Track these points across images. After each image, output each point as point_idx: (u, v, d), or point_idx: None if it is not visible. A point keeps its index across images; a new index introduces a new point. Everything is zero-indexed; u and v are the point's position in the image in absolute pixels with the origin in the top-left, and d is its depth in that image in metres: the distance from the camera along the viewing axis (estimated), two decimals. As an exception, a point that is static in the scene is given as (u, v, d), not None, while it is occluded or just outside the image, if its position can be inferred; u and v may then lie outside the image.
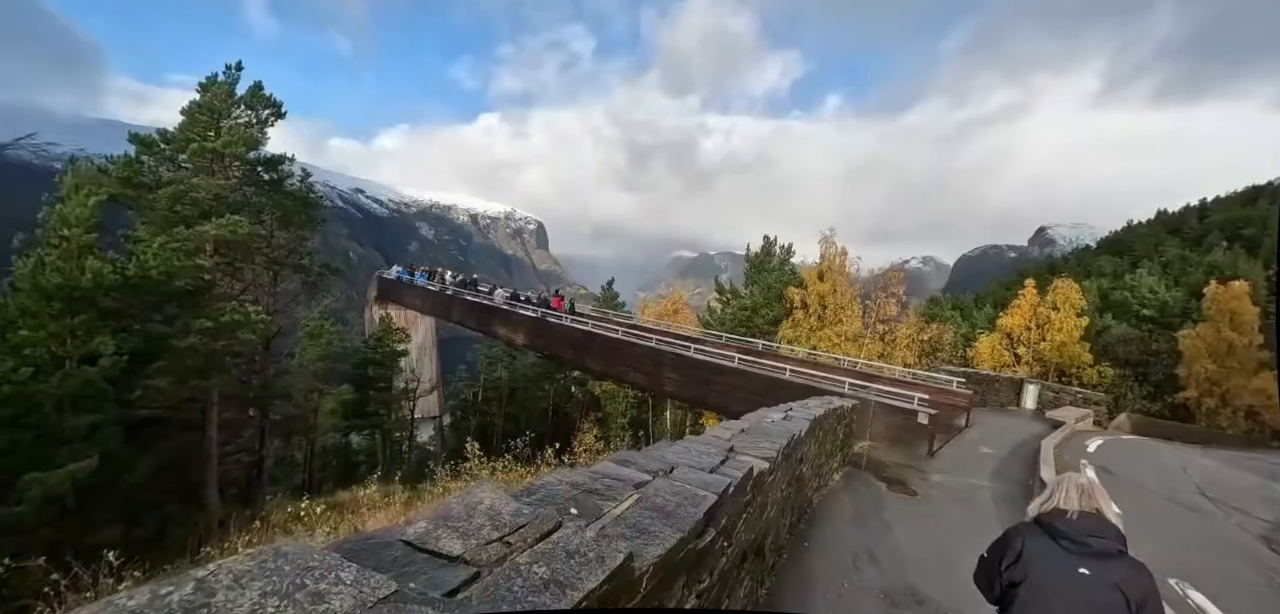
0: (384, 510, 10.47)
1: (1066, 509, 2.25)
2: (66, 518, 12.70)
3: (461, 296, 30.70)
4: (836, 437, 9.76)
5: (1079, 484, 2.34)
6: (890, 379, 17.92)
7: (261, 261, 17.94)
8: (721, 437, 4.43)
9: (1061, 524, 2.22)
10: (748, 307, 33.00)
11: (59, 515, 12.66)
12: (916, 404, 13.03)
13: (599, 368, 22.60)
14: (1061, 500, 2.30)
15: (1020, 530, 2.35)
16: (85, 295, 11.72)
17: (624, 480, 2.57)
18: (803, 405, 8.40)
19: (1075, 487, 2.32)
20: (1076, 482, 2.35)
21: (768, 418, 6.27)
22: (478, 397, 42.60)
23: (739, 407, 16.17)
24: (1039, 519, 2.33)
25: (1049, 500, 2.35)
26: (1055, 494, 2.35)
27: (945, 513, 9.09)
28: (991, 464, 12.81)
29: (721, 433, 4.60)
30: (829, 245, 31.73)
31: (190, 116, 15.77)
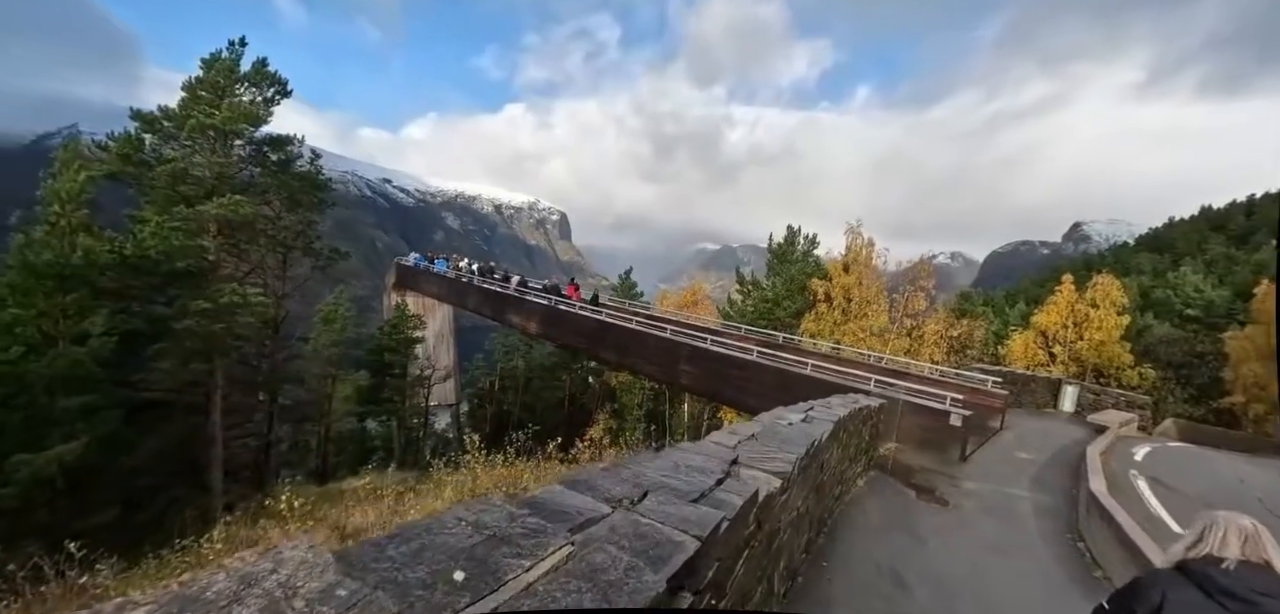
0: (373, 505, 9.94)
1: (1223, 557, 1.83)
2: (59, 500, 12.45)
3: (475, 284, 30.22)
4: (861, 438, 8.91)
5: (1241, 527, 1.88)
6: (918, 377, 16.90)
7: (266, 243, 17.59)
8: (725, 445, 3.66)
9: (1218, 575, 1.79)
10: (769, 299, 31.98)
11: (51, 497, 12.42)
12: (949, 404, 12.07)
13: (613, 359, 21.91)
14: (1216, 545, 1.87)
15: (1158, 579, 1.91)
16: (76, 273, 11.40)
17: (563, 516, 1.83)
18: (825, 404, 7.59)
19: (1236, 530, 1.87)
20: (1237, 523, 1.90)
21: (784, 419, 5.48)
22: (494, 386, 42.39)
23: (756, 402, 15.34)
24: (1185, 566, 1.89)
25: (1199, 544, 1.91)
26: (1207, 536, 1.91)
27: (980, 526, 8.20)
28: (1030, 471, 11.81)
29: (725, 440, 3.84)
30: (855, 236, 30.56)
31: (191, 93, 15.40)
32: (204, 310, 13.33)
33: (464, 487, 10.59)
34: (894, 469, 10.42)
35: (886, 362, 19.08)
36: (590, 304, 23.46)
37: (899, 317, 28.66)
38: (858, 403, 8.70)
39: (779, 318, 30.73)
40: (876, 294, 29.31)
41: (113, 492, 13.93)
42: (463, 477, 11.52)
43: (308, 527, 8.62)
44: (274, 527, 8.79)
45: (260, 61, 16.30)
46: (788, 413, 5.93)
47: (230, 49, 16.02)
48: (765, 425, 4.90)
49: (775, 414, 5.79)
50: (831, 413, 6.67)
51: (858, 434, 8.48)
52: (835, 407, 7.35)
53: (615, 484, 2.27)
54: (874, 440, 10.17)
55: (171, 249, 13.37)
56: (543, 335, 26.31)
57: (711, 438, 3.88)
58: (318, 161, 19.09)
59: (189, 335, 13.31)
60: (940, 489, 9.78)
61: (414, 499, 10.38)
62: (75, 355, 11.03)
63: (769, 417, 5.63)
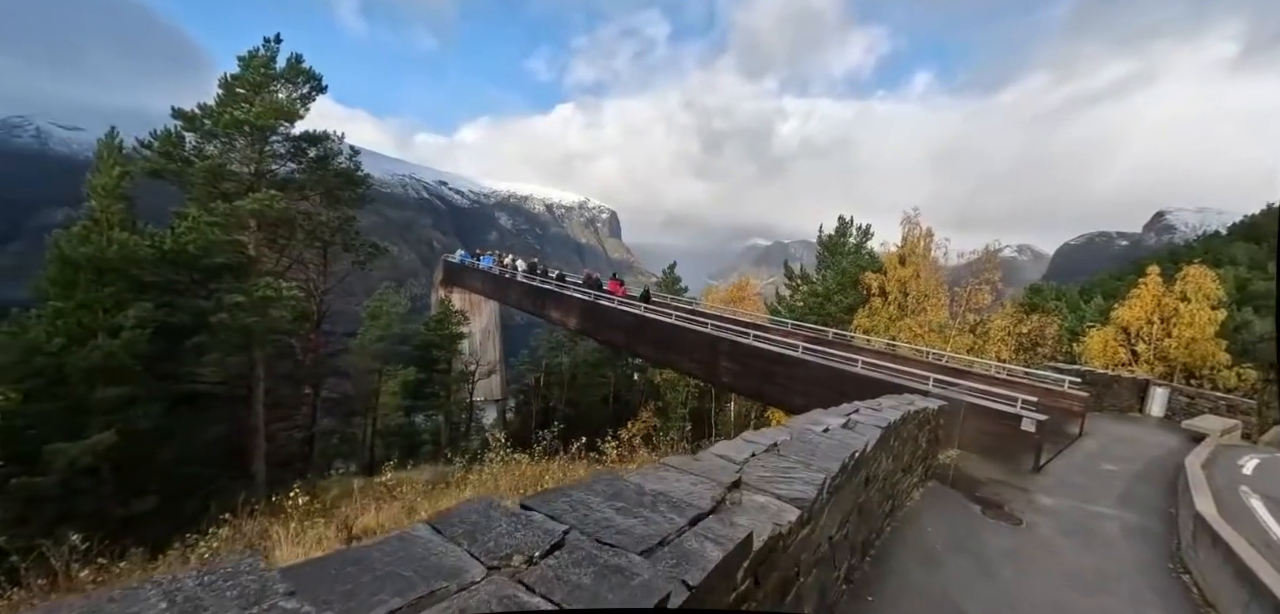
0: (388, 506, 9.55)
1: None
2: (103, 488, 12.69)
3: (518, 279, 30.08)
4: (918, 445, 7.86)
5: None
6: (983, 376, 15.43)
7: (303, 239, 17.75)
8: (730, 459, 2.87)
9: None
10: (819, 293, 30.54)
11: (94, 485, 12.67)
12: (1020, 407, 10.74)
13: (651, 355, 21.18)
14: None
15: None
16: (112, 267, 11.58)
17: (392, 584, 1.11)
18: (873, 406, 6.62)
19: None
20: None
21: (820, 425, 4.61)
22: (540, 382, 42.45)
23: (802, 401, 14.29)
24: None
25: None
26: None
27: (1062, 552, 7.03)
28: (1118, 486, 10.37)
29: (733, 452, 3.03)
30: (912, 226, 28.74)
31: (229, 89, 15.61)
32: (238, 304, 13.40)
33: (486, 486, 10.11)
34: (956, 480, 9.27)
35: (947, 359, 17.61)
36: (640, 301, 22.72)
37: (961, 311, 26.74)
38: (913, 405, 7.66)
39: (830, 313, 29.27)
40: (936, 288, 27.45)
41: (155, 481, 14.17)
42: (488, 475, 11.07)
43: (316, 525, 8.28)
44: (286, 523, 8.48)
45: (295, 58, 16.43)
46: (825, 417, 5.04)
47: (266, 46, 16.19)
48: (795, 432, 4.06)
49: (810, 418, 4.92)
50: (880, 416, 5.72)
51: (913, 440, 7.45)
52: (885, 409, 6.38)
53: (521, 531, 1.53)
54: (932, 447, 9.05)
55: (209, 244, 13.50)
56: (582, 330, 25.85)
57: (716, 449, 3.09)
58: (356, 158, 19.18)
59: (224, 329, 13.41)
60: (1011, 504, 8.59)
61: (430, 501, 9.96)
62: (109, 347, 11.18)
63: (803, 421, 4.76)
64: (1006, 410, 10.85)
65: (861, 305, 28.45)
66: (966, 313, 26.93)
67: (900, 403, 7.49)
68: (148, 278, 14.04)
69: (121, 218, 12.31)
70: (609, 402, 41.52)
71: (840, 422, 4.88)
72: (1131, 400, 18.98)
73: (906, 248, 28.61)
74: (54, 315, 11.08)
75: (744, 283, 38.91)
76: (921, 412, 7.71)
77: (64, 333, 11.09)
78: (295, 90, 16.58)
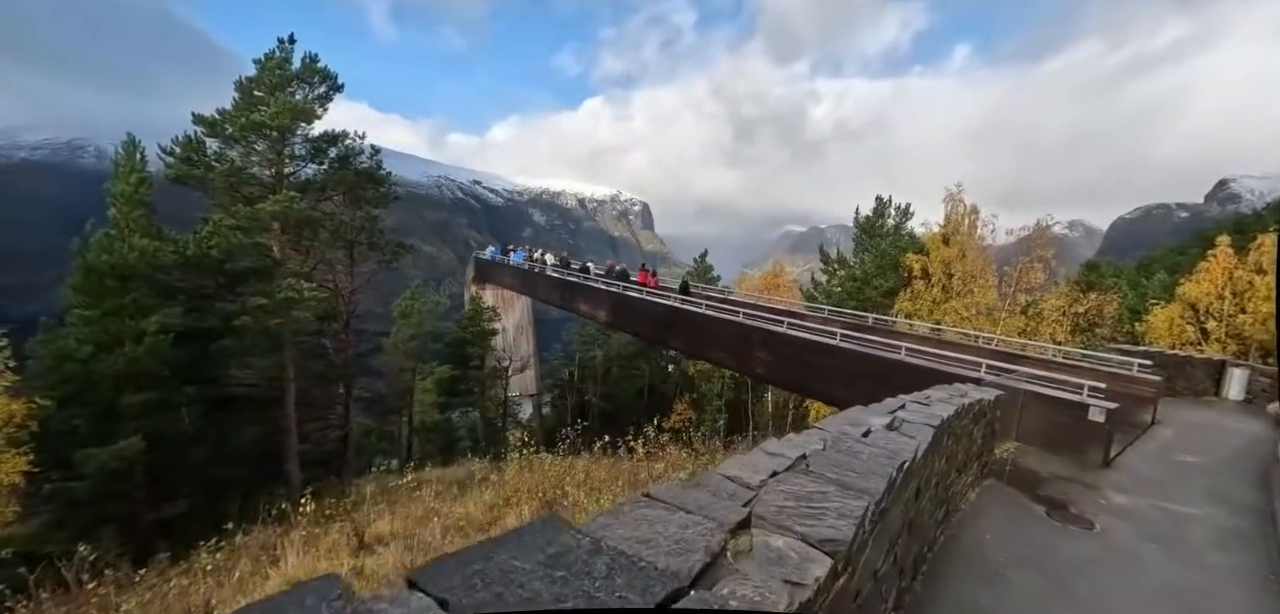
0: (402, 511, 9.20)
1: None
2: (136, 491, 12.78)
3: (546, 274, 29.78)
4: (972, 441, 7.03)
5: None
6: (1040, 360, 14.27)
7: (327, 239, 17.69)
8: (741, 484, 2.24)
9: None
10: (857, 277, 29.28)
11: (129, 489, 12.77)
12: (1086, 394, 9.71)
13: (683, 347, 20.52)
14: None
15: None
16: (135, 273, 11.60)
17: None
18: (921, 400, 5.85)
19: None
20: None
21: (861, 426, 3.91)
22: (573, 376, 42.27)
23: (842, 393, 13.44)
24: None
25: None
26: None
27: (1145, 563, 6.13)
28: (1201, 480, 9.27)
29: (749, 472, 2.40)
30: (955, 204, 27.23)
31: (245, 92, 15.57)
32: (262, 306, 13.33)
33: (506, 489, 9.68)
34: (1015, 477, 8.37)
35: (998, 343, 16.44)
36: (679, 292, 21.96)
37: (1011, 292, 25.20)
38: (965, 396, 6.83)
39: (869, 298, 28.02)
40: (983, 267, 25.93)
41: (189, 484, 14.27)
42: (510, 474, 10.65)
43: (330, 531, 7.96)
44: (291, 531, 8.20)
45: (310, 58, 16.30)
46: (867, 416, 4.33)
47: (280, 46, 16.10)
48: (830, 438, 3.38)
49: (849, 418, 4.22)
50: (931, 412, 4.97)
51: (968, 436, 6.63)
52: (935, 403, 5.60)
53: None
54: (988, 441, 8.17)
55: (232, 248, 13.45)
56: (612, 323, 25.34)
57: (725, 468, 2.46)
58: (377, 156, 19.04)
59: (248, 331, 13.38)
60: (1079, 504, 7.68)
61: (450, 503, 9.57)
62: (133, 353, 11.19)
63: (840, 422, 4.07)
64: (1071, 398, 9.83)
65: (903, 289, 27.14)
66: (1017, 293, 25.36)
67: (951, 395, 6.68)
68: (175, 283, 14.12)
69: (142, 224, 12.36)
70: (644, 394, 41.06)
71: (884, 421, 4.17)
72: (1206, 383, 17.42)
73: (949, 227, 27.14)
74: (82, 323, 11.18)
75: (778, 269, 37.82)
76: (976, 403, 6.87)
77: (92, 340, 11.18)
78: (312, 90, 16.48)
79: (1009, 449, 9.57)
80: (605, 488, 8.53)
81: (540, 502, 8.04)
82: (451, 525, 8.12)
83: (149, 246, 11.83)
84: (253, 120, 14.52)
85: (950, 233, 27.04)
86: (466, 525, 7.82)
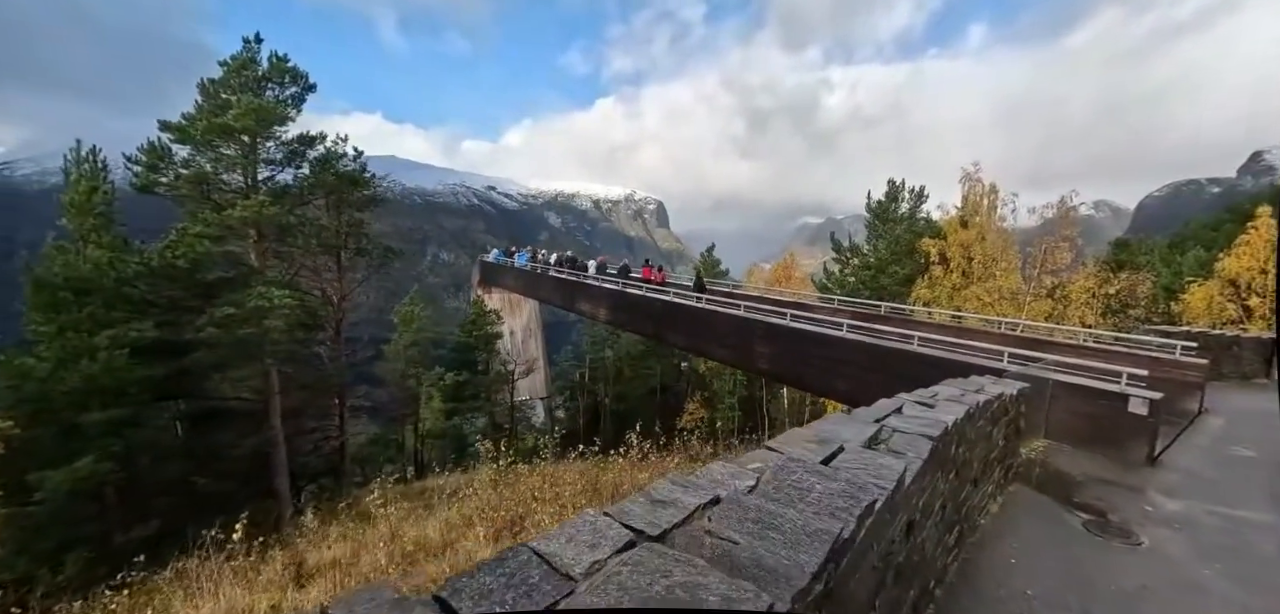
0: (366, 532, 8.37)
1: None
2: (106, 514, 12.20)
3: (548, 273, 28.97)
4: (992, 444, 5.96)
5: None
6: (1070, 346, 13.03)
7: (301, 244, 17.00)
8: (564, 566, 1.26)
9: None
10: (871, 265, 27.99)
11: (100, 511, 12.19)
12: (1125, 383, 8.54)
13: (682, 342, 19.52)
14: None
15: None
16: (89, 286, 10.99)
17: None
18: (925, 399, 4.81)
19: None
20: None
21: (832, 442, 2.93)
22: (583, 377, 41.50)
23: (845, 387, 12.36)
24: None
25: None
26: None
27: (1206, 587, 5.02)
28: (1262, 479, 8.06)
29: (590, 541, 1.42)
30: (973, 184, 25.86)
31: (210, 95, 14.89)
32: (230, 316, 12.65)
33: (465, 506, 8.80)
34: (1045, 480, 7.27)
35: (1022, 329, 15.19)
36: (695, 289, 20.88)
37: (1036, 273, 23.76)
38: (983, 392, 5.76)
39: (884, 286, 26.74)
40: (1004, 250, 24.53)
41: (165, 502, 13.65)
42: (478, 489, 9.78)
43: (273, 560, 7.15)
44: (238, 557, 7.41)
45: (279, 58, 15.54)
46: (843, 427, 3.33)
47: (246, 46, 15.41)
48: (776, 466, 2.40)
49: (819, 432, 3.22)
50: (932, 416, 3.95)
51: (985, 440, 5.57)
52: (942, 404, 4.57)
53: None
54: (1013, 441, 7.07)
55: (198, 256, 12.79)
56: (612, 322, 24.44)
57: (565, 532, 1.49)
58: (361, 159, 18.32)
59: (217, 342, 12.72)
60: (1122, 512, 6.56)
61: (415, 522, 8.72)
62: (87, 371, 10.55)
63: (804, 438, 3.09)
64: (1107, 388, 8.65)
65: (920, 275, 25.85)
66: (1042, 275, 23.92)
67: (964, 390, 5.62)
68: (147, 296, 13.51)
69: (96, 234, 11.77)
70: (656, 394, 40.16)
71: (865, 434, 3.16)
72: (1256, 364, 15.95)
73: (967, 208, 25.77)
74: (43, 340, 10.64)
75: (789, 261, 36.60)
76: (996, 400, 5.80)
77: (51, 357, 10.59)
78: (282, 91, 15.79)
79: (1037, 448, 8.45)
80: (575, 504, 7.61)
81: (503, 523, 7.14)
82: (407, 550, 7.27)
83: (102, 257, 11.21)
84: (216, 124, 13.85)
85: (968, 215, 25.68)
86: (418, 551, 6.97)
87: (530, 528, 6.75)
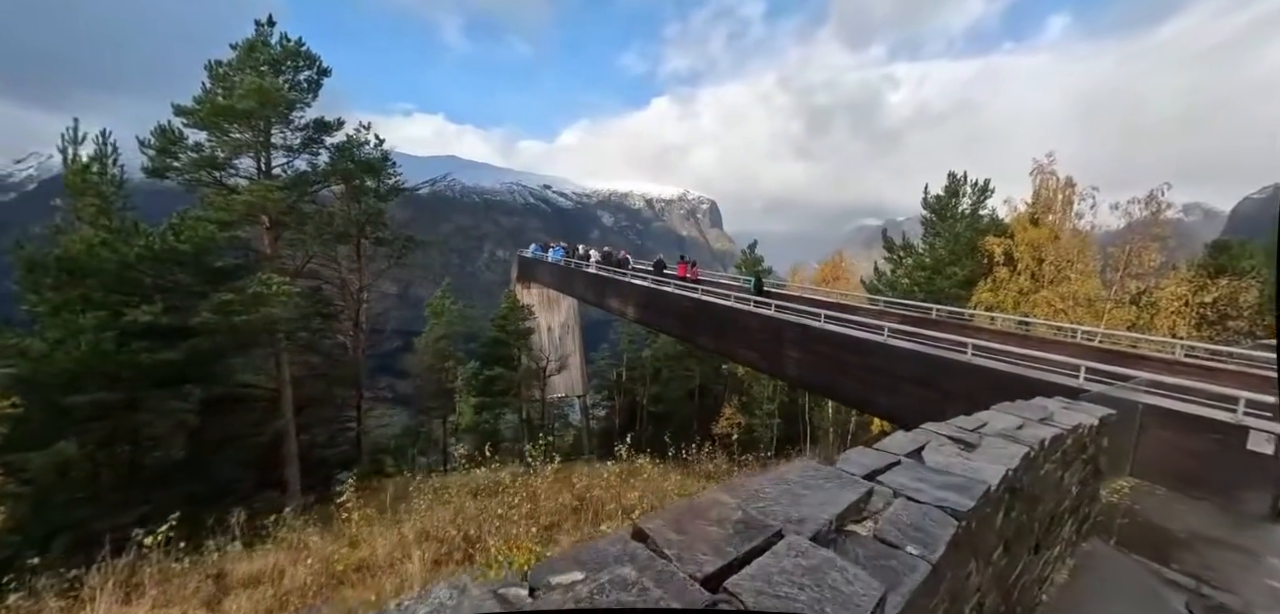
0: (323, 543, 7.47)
1: None
2: (104, 496, 11.93)
3: (581, 269, 28.04)
4: (1063, 493, 4.42)
5: None
6: (1162, 361, 10.97)
7: (313, 232, 16.53)
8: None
9: None
10: (927, 265, 25.72)
11: (93, 495, 11.91)
12: (1243, 412, 6.71)
13: (709, 343, 18.11)
14: None
15: None
16: (81, 267, 10.68)
17: None
18: (962, 434, 3.39)
19: None
20: None
21: (760, 525, 1.65)
22: (621, 377, 40.52)
23: (885, 401, 10.74)
24: None
25: None
26: None
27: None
28: None
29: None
30: (1045, 178, 23.29)
31: (220, 78, 14.50)
32: (226, 302, 12.18)
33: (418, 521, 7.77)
34: (1131, 536, 5.62)
35: (1101, 339, 13.07)
36: (753, 294, 19.33)
37: (1119, 276, 21.11)
38: (1051, 422, 4.26)
39: (941, 289, 24.47)
40: (1080, 251, 21.92)
41: (165, 492, 13.33)
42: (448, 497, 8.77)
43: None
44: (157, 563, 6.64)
45: (289, 41, 15.00)
46: (803, 489, 2.02)
47: (258, 29, 14.99)
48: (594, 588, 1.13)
49: (746, 501, 1.92)
50: (969, 468, 2.57)
51: (1054, 488, 4.07)
52: (989, 441, 3.16)
53: None
54: (1091, 484, 5.46)
55: (202, 241, 12.39)
56: (641, 320, 23.23)
57: None
58: (381, 146, 17.79)
59: (213, 330, 12.27)
60: (1238, 588, 4.89)
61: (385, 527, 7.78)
62: (75, 353, 10.20)
63: (720, 508, 1.80)
64: (1216, 417, 6.84)
65: (983, 277, 23.48)
66: (1125, 278, 21.23)
67: (1023, 419, 4.13)
68: (156, 280, 13.24)
69: (92, 215, 11.49)
70: (694, 396, 38.78)
71: (841, 504, 1.85)
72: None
73: (1038, 205, 23.23)
74: (39, 320, 10.47)
75: (837, 259, 34.44)
76: (1070, 434, 4.28)
77: (47, 337, 10.35)
78: (294, 75, 15.34)
79: (1122, 490, 6.74)
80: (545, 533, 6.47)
81: (450, 546, 6.10)
82: (345, 569, 6.33)
83: (96, 237, 10.89)
84: (221, 106, 13.47)
85: (1040, 212, 23.15)
86: (351, 571, 6.01)
87: (477, 556, 5.66)
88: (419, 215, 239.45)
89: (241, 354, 13.90)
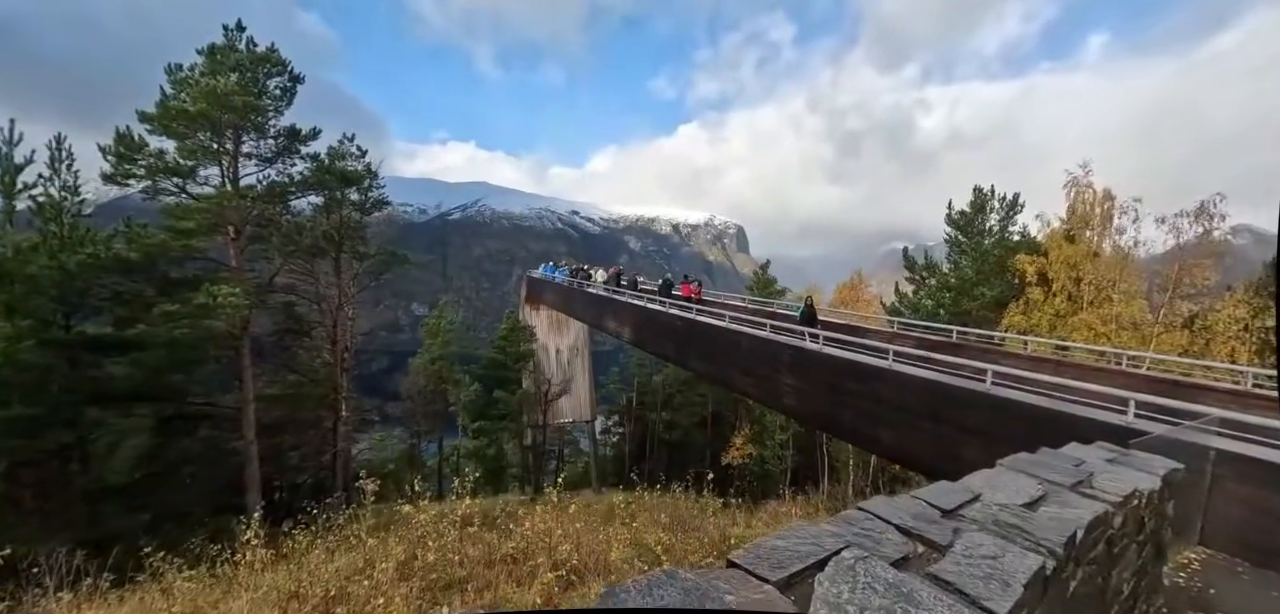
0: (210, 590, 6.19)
1: None
2: (27, 519, 10.92)
3: (582, 290, 26.83)
4: (1110, 586, 2.86)
5: None
6: (1228, 392, 9.11)
7: (279, 245, 15.58)
8: None
9: None
10: (952, 286, 23.80)
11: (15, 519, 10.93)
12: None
13: (702, 368, 16.55)
14: None
15: None
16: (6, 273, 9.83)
17: None
18: (919, 526, 1.93)
19: None
20: None
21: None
22: (631, 402, 39.01)
23: (888, 437, 9.08)
24: None
25: None
26: None
27: None
28: None
29: None
30: (1081, 191, 21.33)
31: (185, 85, 13.65)
32: (169, 313, 11.21)
33: (300, 575, 6.41)
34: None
35: (1149, 365, 11.16)
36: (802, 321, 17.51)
37: (1168, 298, 18.98)
38: (1090, 484, 2.73)
39: (968, 310, 22.52)
40: (1122, 270, 19.83)
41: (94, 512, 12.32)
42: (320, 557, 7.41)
43: None
44: None
45: (256, 48, 14.23)
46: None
47: (226, 34, 14.23)
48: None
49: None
50: None
51: (1093, 599, 2.52)
52: (971, 535, 1.66)
53: None
54: (1150, 570, 3.84)
55: (151, 249, 11.49)
56: (636, 342, 21.79)
57: None
58: (365, 158, 16.91)
59: (152, 342, 11.30)
60: None
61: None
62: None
63: None
64: (1320, 469, 5.12)
65: (1014, 299, 21.49)
66: (1175, 299, 19.08)
67: (1043, 484, 2.62)
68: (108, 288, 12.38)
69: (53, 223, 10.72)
70: (706, 424, 37.03)
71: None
72: None
73: (1075, 220, 21.24)
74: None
75: (857, 281, 32.56)
76: (1120, 508, 2.72)
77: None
78: (264, 81, 14.51)
79: (1189, 560, 5.06)
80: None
81: None
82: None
83: (22, 242, 10.06)
84: (172, 108, 12.67)
85: (1076, 228, 21.16)
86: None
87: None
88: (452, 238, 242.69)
89: (195, 369, 12.94)
